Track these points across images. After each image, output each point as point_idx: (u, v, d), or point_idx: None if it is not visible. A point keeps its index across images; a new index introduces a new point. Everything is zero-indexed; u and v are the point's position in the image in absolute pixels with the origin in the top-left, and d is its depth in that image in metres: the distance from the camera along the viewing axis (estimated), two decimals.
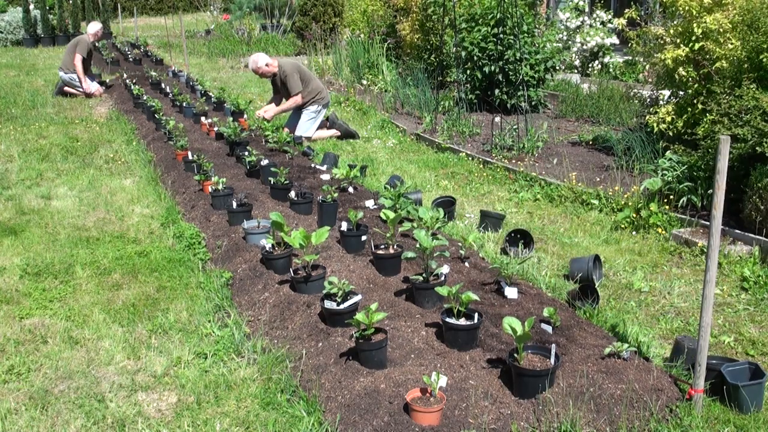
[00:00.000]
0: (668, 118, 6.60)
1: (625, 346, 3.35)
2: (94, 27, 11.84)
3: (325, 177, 6.31)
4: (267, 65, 8.34)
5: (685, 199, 5.65)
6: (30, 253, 4.95)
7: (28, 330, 3.87)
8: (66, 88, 11.18)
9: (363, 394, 3.05)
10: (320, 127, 8.68)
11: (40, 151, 7.79)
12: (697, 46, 6.34)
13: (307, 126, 8.47)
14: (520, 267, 4.53)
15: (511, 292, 4.02)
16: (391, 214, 4.38)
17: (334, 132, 8.70)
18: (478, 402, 2.99)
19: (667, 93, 7.25)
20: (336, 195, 5.19)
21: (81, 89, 11.14)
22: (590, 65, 12.23)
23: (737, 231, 5.04)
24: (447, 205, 5.67)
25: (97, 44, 13.14)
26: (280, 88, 8.57)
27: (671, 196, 5.74)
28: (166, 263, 4.78)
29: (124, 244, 5.16)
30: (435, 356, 3.34)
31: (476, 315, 3.44)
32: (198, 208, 5.72)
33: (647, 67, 7.86)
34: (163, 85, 11.29)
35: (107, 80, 12.37)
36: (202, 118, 8.63)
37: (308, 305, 3.87)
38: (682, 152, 6.01)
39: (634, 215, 5.49)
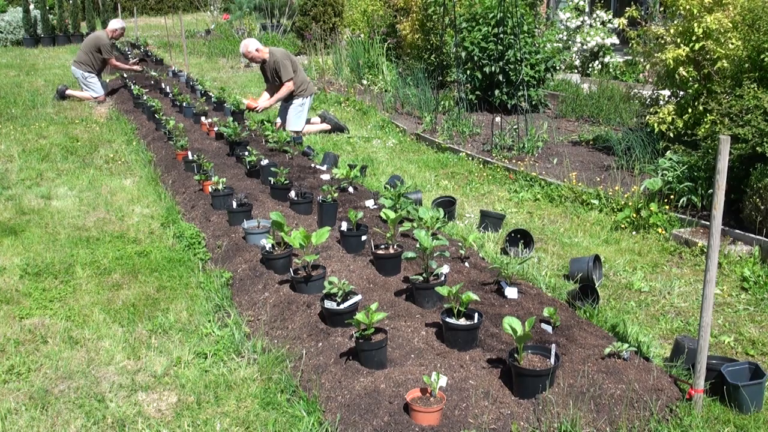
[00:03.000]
0: (668, 118, 6.60)
1: (625, 346, 3.34)
2: (113, 24, 11.32)
3: (325, 177, 6.31)
4: (257, 50, 8.56)
5: (685, 199, 5.65)
6: (30, 253, 4.94)
7: (28, 330, 3.87)
8: (69, 92, 11.02)
9: (363, 394, 3.05)
10: (313, 122, 8.99)
11: (40, 151, 7.79)
12: (697, 45, 6.34)
13: (296, 120, 8.70)
14: (520, 267, 4.53)
15: (511, 292, 4.01)
16: (392, 214, 4.38)
17: (325, 126, 8.93)
18: (478, 402, 2.99)
19: (667, 93, 7.26)
20: (336, 195, 5.19)
21: (93, 93, 10.94)
22: (590, 65, 12.23)
23: (737, 231, 5.04)
24: (447, 205, 5.67)
25: (115, 43, 11.91)
26: (270, 77, 8.76)
27: (671, 196, 5.73)
28: (166, 263, 4.78)
29: (124, 244, 5.16)
30: (435, 356, 3.34)
31: (476, 315, 3.44)
32: (198, 208, 5.72)
33: (647, 67, 7.86)
34: (163, 85, 11.29)
35: (107, 80, 12.35)
36: (202, 118, 8.63)
37: (308, 305, 3.87)
38: (683, 152, 6.01)
39: (634, 215, 5.49)
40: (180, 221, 5.58)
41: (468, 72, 9.86)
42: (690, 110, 6.50)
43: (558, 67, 10.33)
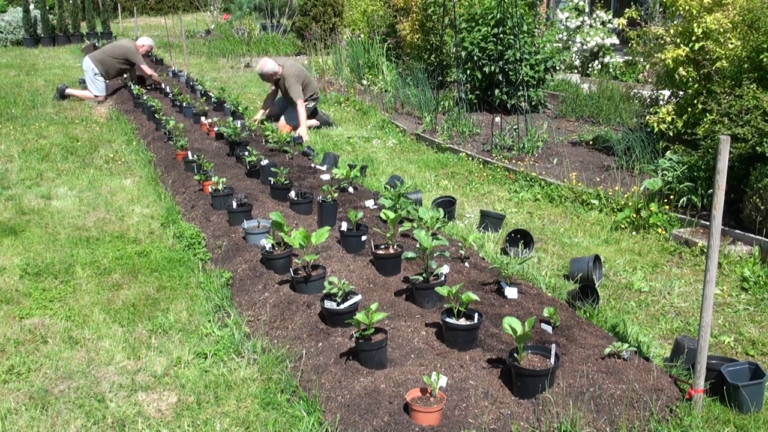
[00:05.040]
0: (668, 118, 6.60)
1: (625, 346, 3.34)
2: (143, 40, 11.60)
3: (325, 177, 6.31)
4: (273, 72, 8.85)
5: (685, 199, 5.65)
6: (30, 253, 4.94)
7: (28, 330, 3.87)
8: (69, 91, 11.00)
9: (363, 394, 3.05)
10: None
11: (40, 151, 7.79)
12: (697, 46, 6.34)
13: (294, 119, 8.91)
14: (520, 267, 4.53)
15: (511, 292, 4.01)
16: (391, 214, 4.38)
17: (313, 122, 9.22)
18: (478, 402, 2.99)
19: (667, 93, 7.26)
20: (336, 195, 5.19)
21: (95, 91, 10.95)
22: (590, 65, 12.23)
23: (737, 231, 5.04)
24: (447, 205, 5.67)
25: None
26: (282, 91, 9.09)
27: (671, 196, 5.74)
28: (166, 263, 4.78)
29: (124, 244, 5.16)
30: (435, 356, 3.34)
31: (476, 315, 3.44)
32: (198, 208, 5.72)
33: (647, 67, 7.87)
34: (163, 85, 11.29)
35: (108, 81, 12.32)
36: (202, 118, 8.64)
37: (308, 305, 3.87)
38: (682, 152, 6.01)
39: (634, 215, 5.49)
40: (180, 221, 5.58)
41: (468, 72, 9.86)
42: (689, 110, 6.50)
43: (558, 67, 10.33)
